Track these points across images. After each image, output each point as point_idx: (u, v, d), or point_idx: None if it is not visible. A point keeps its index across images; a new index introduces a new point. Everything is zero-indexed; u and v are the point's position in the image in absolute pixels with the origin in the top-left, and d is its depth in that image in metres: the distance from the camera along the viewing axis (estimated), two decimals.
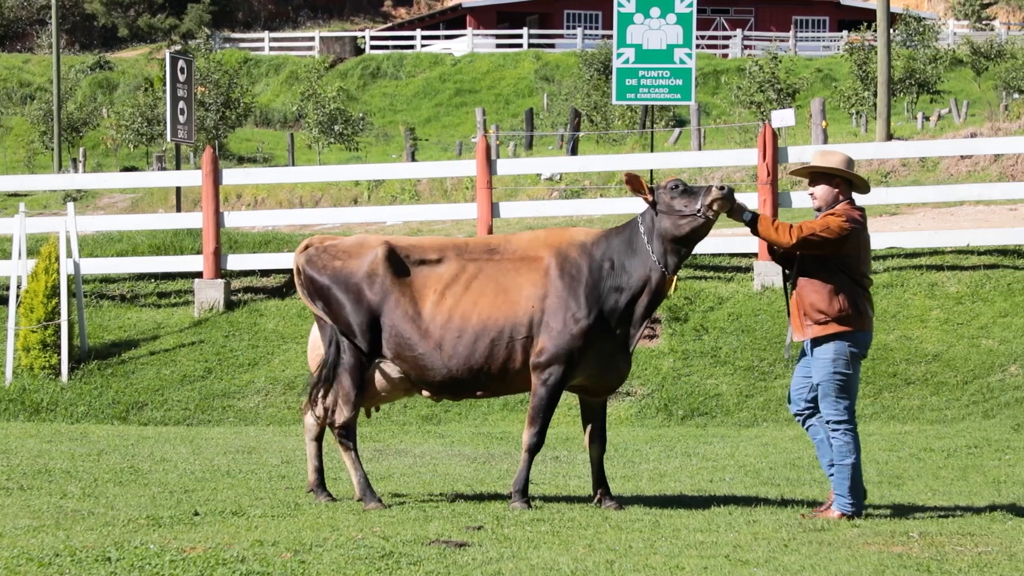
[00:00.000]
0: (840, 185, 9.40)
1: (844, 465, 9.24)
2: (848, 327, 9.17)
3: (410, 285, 9.55)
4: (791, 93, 44.01)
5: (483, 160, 19.14)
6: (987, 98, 49.93)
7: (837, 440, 9.26)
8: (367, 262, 9.61)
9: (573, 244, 9.55)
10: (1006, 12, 76.89)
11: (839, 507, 9.26)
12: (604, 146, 40.24)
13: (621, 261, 9.45)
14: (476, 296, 9.43)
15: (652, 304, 9.49)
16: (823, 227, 9.13)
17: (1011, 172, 24.48)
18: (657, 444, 14.10)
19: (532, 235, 9.77)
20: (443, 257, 9.63)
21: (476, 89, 61.77)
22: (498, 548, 7.91)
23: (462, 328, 9.39)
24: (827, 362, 9.20)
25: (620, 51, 20.04)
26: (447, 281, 9.52)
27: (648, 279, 9.41)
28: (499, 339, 9.36)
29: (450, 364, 9.42)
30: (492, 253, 9.61)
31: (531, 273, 9.45)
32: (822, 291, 9.17)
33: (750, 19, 71.06)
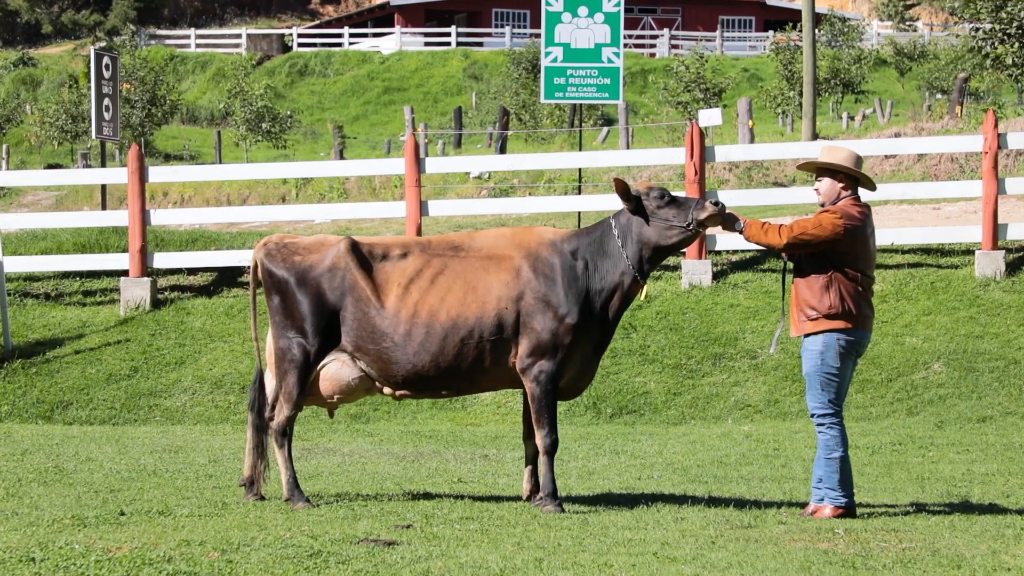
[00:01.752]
0: (844, 181, 9.37)
1: (832, 459, 9.21)
2: (839, 324, 9.13)
3: (373, 279, 9.46)
4: (718, 93, 44.24)
5: (412, 158, 19.11)
6: (911, 98, 50.46)
7: (823, 434, 9.24)
8: (329, 257, 9.53)
9: (543, 243, 9.47)
10: (929, 13, 77.70)
11: (832, 501, 9.22)
12: (533, 145, 40.31)
13: (595, 262, 9.39)
14: (443, 292, 9.35)
15: (622, 308, 9.44)
16: (815, 225, 9.12)
17: (934, 172, 24.74)
18: (586, 442, 14.13)
19: (498, 233, 9.69)
20: (407, 252, 9.55)
21: (405, 87, 61.66)
22: (427, 546, 7.90)
23: (429, 324, 9.30)
24: (815, 354, 9.18)
25: (548, 50, 20.07)
26: (411, 275, 9.44)
27: (620, 283, 9.36)
28: (469, 338, 9.28)
29: (416, 360, 9.33)
30: (457, 250, 9.53)
31: (500, 272, 9.36)
32: (814, 287, 9.16)
33: (677, 19, 71.39)
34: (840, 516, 9.16)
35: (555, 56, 20.01)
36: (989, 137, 17.82)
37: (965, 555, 7.81)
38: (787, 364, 16.57)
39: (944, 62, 50.89)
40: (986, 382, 15.92)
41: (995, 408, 15.33)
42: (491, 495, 10.35)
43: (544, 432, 9.39)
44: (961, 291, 17.60)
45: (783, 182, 26.08)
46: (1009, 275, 17.68)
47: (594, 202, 21.03)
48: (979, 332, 16.69)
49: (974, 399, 15.65)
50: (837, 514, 9.17)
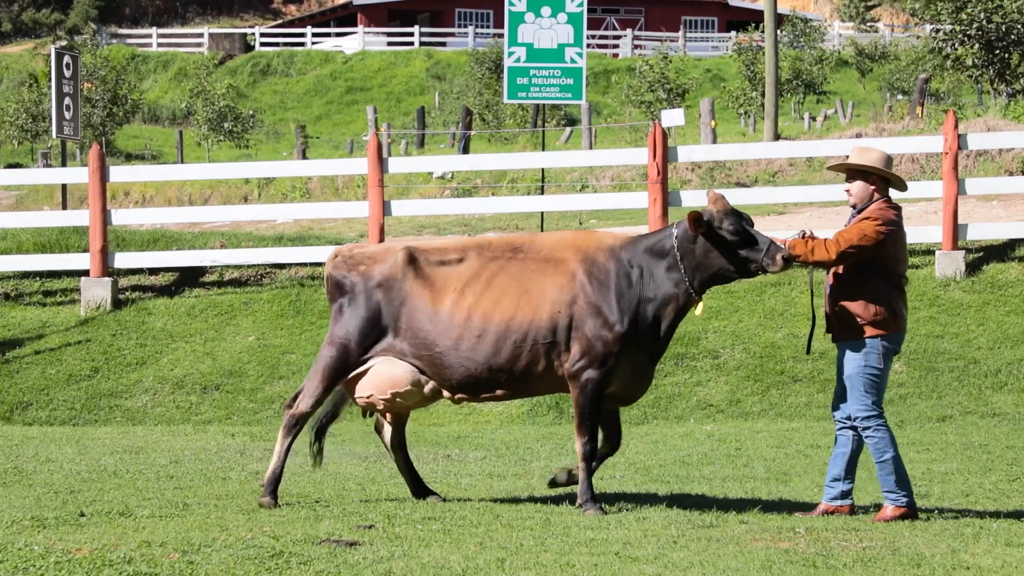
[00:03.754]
0: (876, 183, 9.29)
1: (885, 461, 9.17)
2: (883, 331, 9.11)
3: (431, 286, 9.45)
4: (681, 93, 44.33)
5: (374, 158, 19.08)
6: (872, 99, 50.68)
7: (871, 438, 9.18)
8: (388, 266, 9.56)
9: (602, 248, 9.39)
10: (890, 14, 78.07)
11: (892, 502, 9.18)
12: (496, 145, 40.30)
13: (650, 271, 9.29)
14: (497, 295, 9.32)
15: (676, 319, 9.33)
16: (859, 235, 9.03)
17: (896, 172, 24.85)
18: (548, 442, 14.14)
19: (559, 236, 9.66)
20: (464, 256, 9.53)
21: (367, 87, 61.56)
22: (389, 547, 7.90)
23: (483, 327, 9.28)
24: (859, 356, 9.14)
25: (511, 50, 20.07)
26: (467, 279, 9.42)
27: (675, 295, 9.25)
28: (522, 341, 9.23)
29: (469, 363, 9.31)
30: (516, 252, 9.48)
31: (556, 276, 9.30)
32: (859, 295, 9.11)
33: (640, 19, 71.51)
34: (903, 516, 9.10)
35: (518, 56, 20.01)
36: (949, 138, 17.91)
37: (925, 554, 7.85)
38: (749, 364, 16.62)
39: (905, 63, 51.14)
40: (946, 382, 16.01)
41: (955, 407, 15.42)
42: (454, 495, 10.34)
43: (584, 440, 9.37)
44: (921, 291, 17.69)
45: (745, 182, 26.15)
46: (969, 275, 17.77)
47: (557, 202, 21.05)
48: (939, 332, 16.78)
49: (934, 398, 15.74)
50: (900, 514, 9.12)
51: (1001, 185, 20.12)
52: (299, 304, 18.99)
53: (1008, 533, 8.65)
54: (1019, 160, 23.70)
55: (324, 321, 18.50)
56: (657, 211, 18.33)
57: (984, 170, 23.67)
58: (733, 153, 23.77)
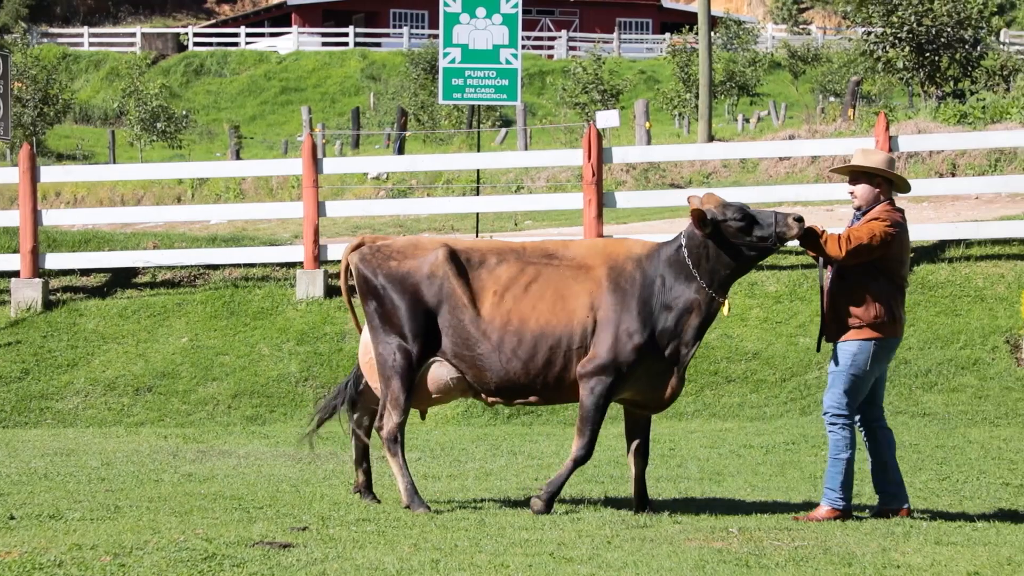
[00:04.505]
0: (881, 185, 9.28)
1: (839, 459, 9.20)
2: (880, 333, 9.12)
3: (470, 286, 9.42)
4: (615, 94, 44.47)
5: (309, 159, 19.03)
6: (804, 101, 51.03)
7: (834, 434, 9.21)
8: (428, 263, 9.47)
9: (630, 257, 9.39)
10: (822, 17, 78.63)
11: (829, 502, 9.23)
12: (431, 146, 40.26)
13: (671, 280, 9.29)
14: (535, 300, 9.31)
15: (703, 325, 9.32)
16: (869, 235, 9.03)
17: (827, 174, 25.02)
18: (483, 443, 14.14)
19: (591, 243, 9.70)
20: (502, 260, 9.51)
21: (302, 87, 61.33)
22: (323, 548, 7.87)
23: (520, 331, 9.28)
24: (848, 355, 9.16)
25: (446, 51, 20.05)
26: (506, 283, 9.40)
27: (696, 301, 9.25)
28: (557, 347, 9.24)
29: (508, 367, 9.30)
30: (551, 259, 9.47)
31: (587, 282, 9.31)
32: (860, 296, 9.11)
33: (575, 20, 71.64)
34: (836, 518, 9.15)
35: (453, 57, 20.00)
36: (881, 140, 18.06)
37: (856, 553, 7.91)
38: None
39: (837, 65, 51.54)
40: None
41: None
42: (389, 497, 10.32)
43: (582, 442, 9.36)
44: None
45: (679, 183, 26.26)
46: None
47: (492, 203, 21.06)
48: None
49: None
50: (833, 515, 9.16)
51: (931, 187, 20.30)
52: (233, 305, 18.89)
53: (938, 532, 8.74)
54: (949, 162, 23.94)
55: (258, 322, 18.43)
56: (592, 212, 18.37)
57: (915, 172, 23.89)
58: (667, 154, 23.87)
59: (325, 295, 18.81)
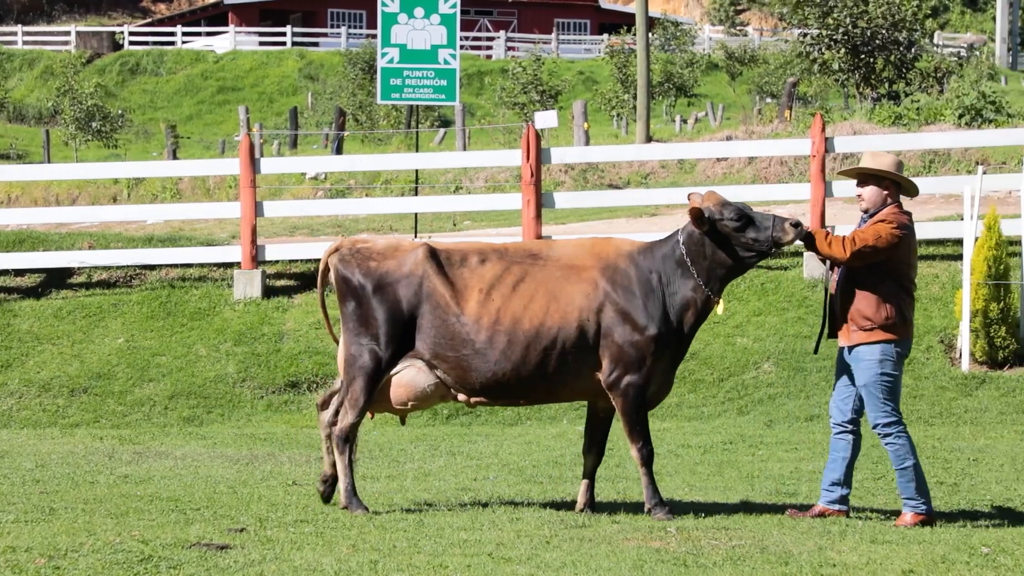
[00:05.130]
0: (889, 188, 9.24)
1: (906, 468, 9.13)
2: (893, 335, 9.07)
3: (452, 286, 9.32)
4: (554, 95, 44.50)
5: (246, 159, 18.94)
6: (742, 102, 51.28)
7: (892, 445, 9.14)
8: (407, 263, 9.38)
9: (621, 255, 9.36)
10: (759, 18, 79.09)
11: (912, 509, 9.15)
12: (369, 146, 40.16)
13: (667, 276, 9.27)
14: (526, 300, 9.22)
15: (696, 323, 9.31)
16: (874, 237, 9.00)
17: (764, 174, 25.16)
18: (422, 443, 14.12)
19: (577, 243, 9.59)
20: (485, 258, 9.43)
21: (239, 87, 61.01)
22: (260, 550, 7.84)
23: (512, 332, 9.18)
24: (873, 363, 9.08)
25: (384, 51, 20.01)
26: (491, 281, 9.31)
27: (693, 299, 9.24)
28: (551, 348, 9.16)
29: (496, 367, 9.20)
30: (535, 258, 9.40)
31: (581, 283, 9.24)
32: (869, 298, 9.07)
33: (513, 21, 71.68)
34: (922, 523, 9.07)
35: (391, 57, 19.96)
36: (816, 141, 18.18)
37: (793, 552, 7.96)
38: None
39: (773, 67, 51.84)
40: (814, 381, 16.25)
41: (822, 407, 15.65)
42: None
43: (639, 444, 9.33)
44: (790, 292, 17.94)
45: (618, 184, 26.33)
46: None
47: (431, 203, 21.04)
48: (807, 332, 17.02)
49: (802, 398, 15.97)
50: (919, 520, 9.09)
51: None
52: (170, 306, 18.78)
53: (873, 530, 8.80)
54: None
55: (196, 323, 18.33)
56: (531, 212, 18.39)
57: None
58: (606, 155, 23.94)
59: (263, 295, 18.74)
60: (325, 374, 17.09)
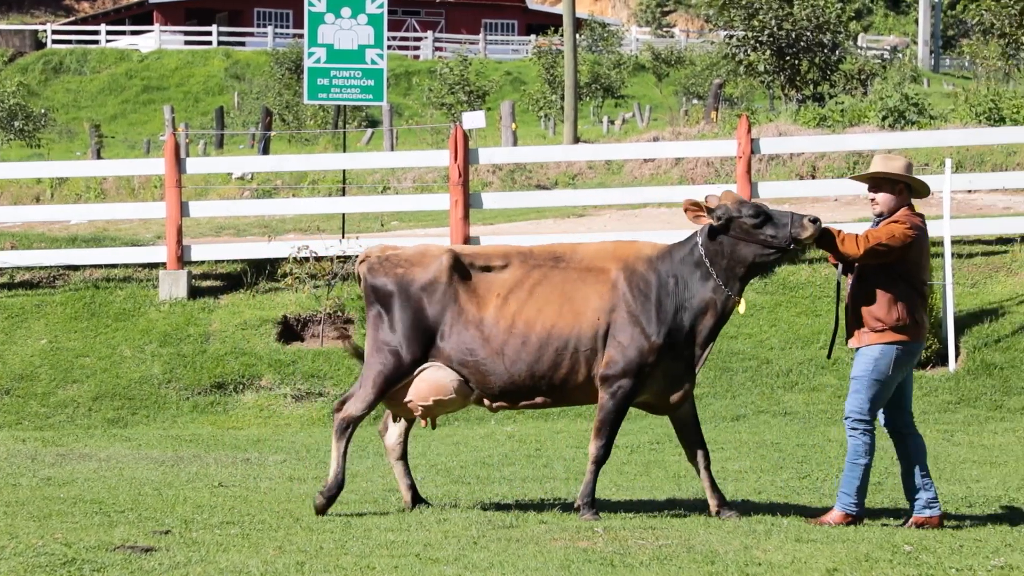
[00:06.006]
0: (902, 191, 9.23)
1: (857, 464, 9.12)
2: (904, 336, 9.02)
3: (474, 291, 9.38)
4: (482, 95, 44.53)
5: (172, 158, 18.82)
6: (668, 103, 51.50)
7: (854, 439, 9.11)
8: (431, 270, 9.43)
9: (640, 258, 9.37)
10: (685, 20, 79.52)
11: (843, 507, 9.15)
12: (296, 146, 39.99)
13: (685, 279, 9.26)
14: (540, 303, 9.28)
15: (717, 325, 9.30)
16: (888, 235, 8.97)
17: (691, 175, 25.28)
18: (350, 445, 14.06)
19: (599, 246, 9.59)
20: (507, 263, 9.46)
21: (164, 86, 60.58)
22: (186, 552, 7.79)
23: (526, 335, 9.23)
24: (870, 359, 9.04)
25: (311, 50, 19.93)
26: (510, 286, 9.36)
27: (712, 301, 9.23)
28: (564, 349, 9.20)
29: (512, 370, 9.25)
30: (557, 261, 9.43)
31: (598, 285, 9.28)
32: (881, 299, 9.03)
33: (441, 21, 71.66)
34: (849, 523, 9.09)
35: (318, 57, 19.88)
36: (742, 142, 18.30)
37: (719, 551, 8.00)
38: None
39: (700, 68, 52.13)
40: (740, 381, 16.36)
41: (748, 407, 15.76)
42: (253, 499, 10.23)
43: (600, 443, 9.35)
44: None
45: (546, 184, 26.37)
46: (762, 277, 18.16)
47: (359, 204, 20.98)
48: (733, 333, 17.13)
49: (728, 398, 16.07)
50: (846, 520, 9.10)
51: (792, 189, 20.60)
52: (94, 306, 18.61)
53: (798, 529, 8.87)
54: (809, 164, 24.32)
55: (120, 324, 18.18)
56: (459, 213, 18.39)
57: (776, 174, 24.23)
58: (534, 155, 23.97)
59: (188, 296, 18.62)
60: (251, 375, 17.01)
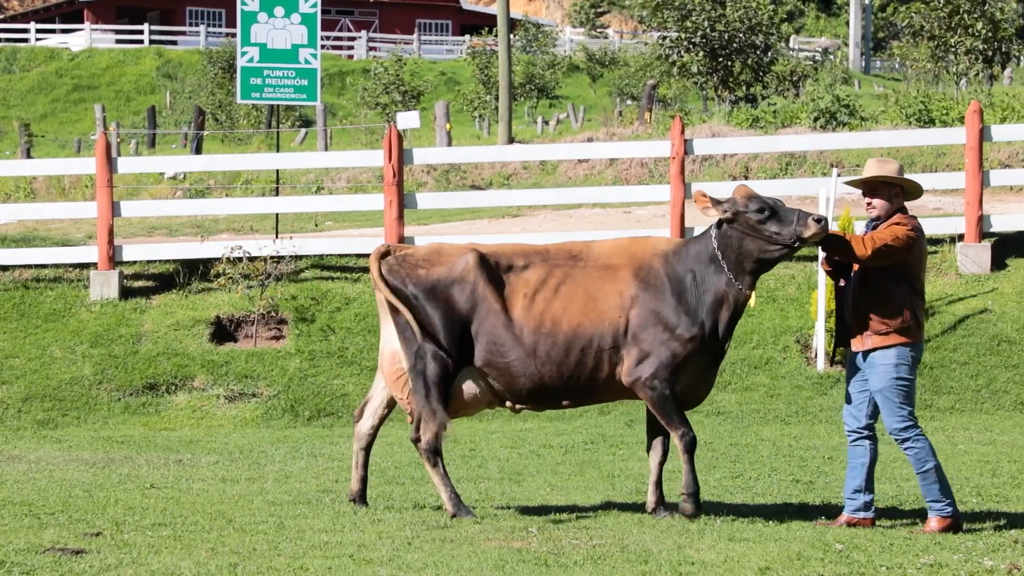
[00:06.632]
0: (898, 194, 9.20)
1: (927, 471, 9.00)
2: (908, 338, 9.00)
3: (500, 291, 9.31)
4: (416, 95, 44.46)
5: (103, 158, 18.68)
6: (603, 104, 51.64)
7: (911, 449, 9.01)
8: (458, 268, 9.34)
9: (656, 254, 9.37)
10: (619, 21, 79.75)
11: (937, 512, 9.01)
12: (229, 145, 39.78)
13: (701, 273, 9.27)
14: (566, 302, 9.24)
15: (732, 319, 9.31)
16: (892, 237, 8.94)
17: (625, 176, 25.36)
18: (283, 445, 14.04)
19: (614, 243, 9.58)
20: (529, 263, 9.40)
21: (95, 85, 60.07)
22: (117, 554, 7.74)
23: (553, 334, 9.20)
24: (889, 368, 8.99)
25: (244, 50, 19.84)
26: (535, 285, 9.31)
27: (725, 295, 9.24)
28: (589, 348, 9.19)
29: (543, 371, 9.21)
30: (576, 260, 9.40)
31: (616, 282, 9.27)
32: (885, 302, 9.00)
33: (375, 21, 71.49)
34: (949, 527, 8.95)
35: (251, 56, 19.79)
36: (676, 143, 18.38)
37: (652, 550, 8.03)
38: None
39: (634, 69, 52.27)
40: None
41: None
42: (186, 500, 10.17)
43: (680, 432, 9.29)
44: None
45: (480, 185, 26.37)
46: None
47: (292, 204, 20.89)
48: None
49: None
50: (945, 525, 8.96)
51: (725, 189, 20.63)
52: (23, 307, 18.43)
53: (731, 528, 8.92)
54: (742, 165, 24.46)
55: (50, 324, 18.01)
56: (393, 213, 18.36)
57: (709, 175, 24.36)
58: (468, 156, 23.97)
59: (120, 296, 18.48)
60: (184, 376, 16.90)
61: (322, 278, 18.76)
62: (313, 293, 18.31)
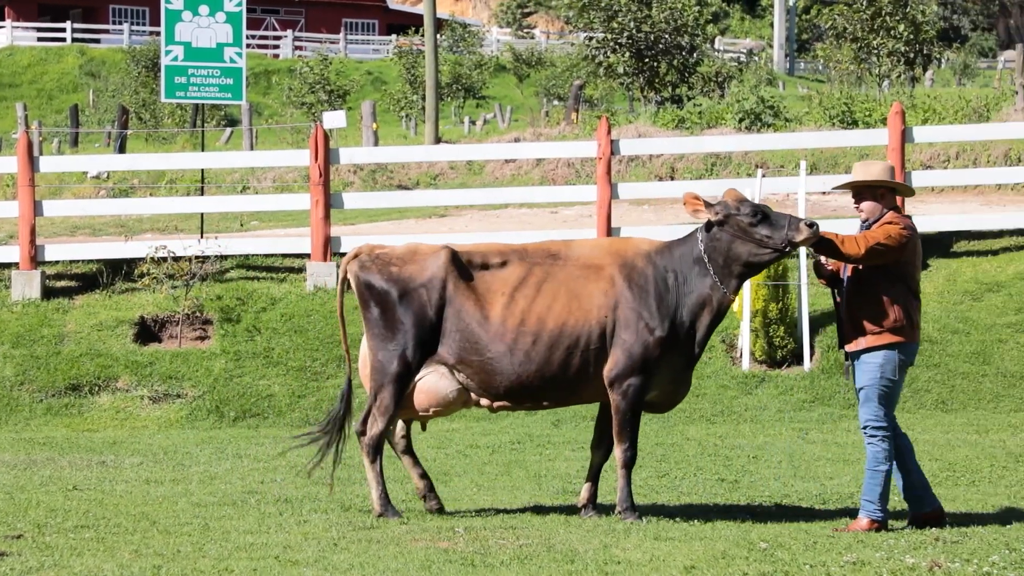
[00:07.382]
0: (885, 194, 9.19)
1: (878, 471, 9.05)
2: (900, 338, 9.02)
3: (475, 288, 9.24)
4: (342, 95, 44.33)
5: (25, 157, 18.50)
6: (529, 104, 51.69)
7: (874, 446, 9.06)
8: (430, 267, 9.27)
9: (639, 254, 9.33)
10: (546, 21, 79.88)
11: (868, 514, 9.08)
12: (154, 144, 39.50)
13: (684, 275, 9.24)
14: (549, 300, 9.18)
15: (714, 322, 9.29)
16: (885, 236, 8.95)
17: (552, 176, 25.42)
18: (208, 446, 13.96)
19: (595, 243, 9.59)
20: (506, 261, 9.34)
21: (17, 83, 59.43)
22: (39, 557, 7.67)
23: (537, 333, 9.14)
24: (875, 367, 9.02)
25: (168, 48, 19.71)
26: (515, 283, 9.25)
27: (709, 297, 9.22)
28: (574, 347, 9.14)
29: (521, 369, 9.15)
30: (555, 259, 9.34)
31: (600, 282, 9.22)
32: (878, 302, 9.00)
33: (301, 20, 71.20)
34: (876, 529, 9.01)
35: (175, 55, 19.67)
36: (603, 143, 18.44)
37: (579, 550, 8.06)
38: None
39: (560, 69, 52.36)
40: None
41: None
42: (109, 503, 10.09)
43: (625, 446, 9.27)
44: None
45: (407, 185, 26.34)
46: None
47: (218, 203, 20.78)
48: None
49: None
50: (872, 528, 9.02)
51: (652, 190, 20.81)
52: None
53: (657, 528, 8.97)
54: (668, 166, 24.58)
55: None
56: (319, 213, 18.30)
57: (636, 175, 24.46)
58: (395, 155, 23.96)
59: (42, 296, 18.30)
60: (107, 376, 16.76)
61: (247, 278, 18.67)
62: (238, 293, 18.21)
